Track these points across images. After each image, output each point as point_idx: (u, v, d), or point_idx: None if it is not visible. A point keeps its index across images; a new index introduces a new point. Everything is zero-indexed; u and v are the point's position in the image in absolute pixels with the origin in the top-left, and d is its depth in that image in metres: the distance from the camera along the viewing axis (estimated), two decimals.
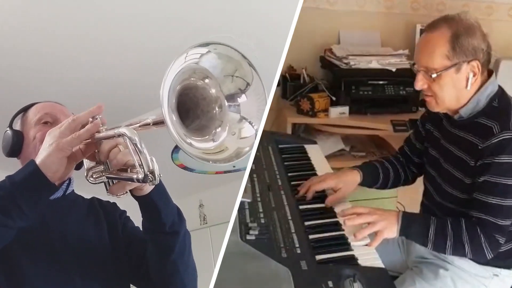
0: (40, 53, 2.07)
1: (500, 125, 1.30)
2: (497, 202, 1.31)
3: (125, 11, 1.88)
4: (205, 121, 0.95)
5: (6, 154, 1.23)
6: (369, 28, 2.68)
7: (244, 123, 0.95)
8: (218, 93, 0.94)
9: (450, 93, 1.36)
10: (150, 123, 0.92)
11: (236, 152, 0.93)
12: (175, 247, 1.11)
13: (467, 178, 1.38)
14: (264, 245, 1.23)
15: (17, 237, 0.98)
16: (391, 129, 2.35)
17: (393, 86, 2.45)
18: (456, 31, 1.31)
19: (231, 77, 0.94)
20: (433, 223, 1.35)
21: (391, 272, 1.56)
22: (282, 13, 1.54)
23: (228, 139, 0.94)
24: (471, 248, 1.32)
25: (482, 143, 1.32)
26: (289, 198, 1.51)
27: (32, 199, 0.94)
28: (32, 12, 1.84)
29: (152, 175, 0.87)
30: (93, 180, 1.01)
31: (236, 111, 0.95)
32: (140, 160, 0.87)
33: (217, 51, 0.91)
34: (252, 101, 0.94)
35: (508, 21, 2.68)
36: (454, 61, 1.32)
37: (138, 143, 0.86)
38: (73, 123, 0.97)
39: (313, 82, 2.55)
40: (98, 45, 2.06)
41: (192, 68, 0.90)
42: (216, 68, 0.92)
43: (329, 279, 1.11)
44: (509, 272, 1.48)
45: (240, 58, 0.92)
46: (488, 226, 1.32)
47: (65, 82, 2.26)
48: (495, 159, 1.29)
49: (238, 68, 0.93)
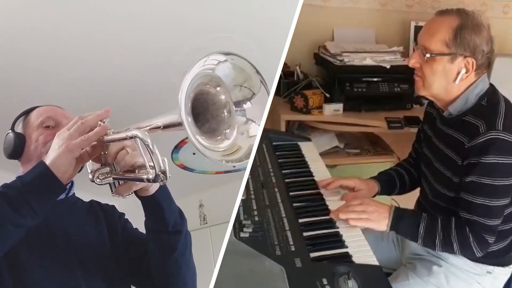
0: (40, 53, 2.08)
1: (486, 124, 1.30)
2: (483, 203, 1.32)
3: (125, 11, 1.89)
4: (215, 124, 1.00)
5: (8, 156, 1.26)
6: (363, 25, 2.67)
7: (250, 124, 1.01)
8: (227, 99, 1.00)
9: (439, 80, 1.36)
10: (161, 126, 0.96)
11: (248, 149, 0.99)
12: (178, 246, 1.13)
13: (455, 177, 1.39)
14: (258, 243, 1.23)
15: (22, 236, 1.01)
16: (386, 126, 2.34)
17: (387, 83, 2.44)
18: (463, 23, 1.31)
19: (239, 87, 0.99)
20: (424, 220, 1.36)
21: (386, 269, 1.56)
22: (282, 13, 1.54)
23: (239, 139, 1.00)
24: (459, 246, 1.34)
25: (469, 142, 1.32)
26: (283, 195, 1.50)
27: (43, 198, 0.98)
28: (32, 12, 1.84)
29: (164, 175, 0.92)
30: (99, 181, 1.05)
31: (242, 115, 1.01)
32: (152, 160, 0.91)
33: (233, 61, 0.97)
34: (256, 107, 1.01)
35: (503, 18, 2.68)
36: (451, 50, 1.32)
37: (150, 144, 0.91)
38: (82, 126, 1.00)
39: (307, 79, 2.54)
40: (98, 45, 2.06)
41: (209, 75, 0.96)
42: (228, 77, 0.98)
43: (324, 277, 1.11)
44: (502, 269, 1.49)
45: (252, 72, 0.99)
46: (476, 226, 1.33)
47: (65, 82, 2.26)
48: (481, 159, 1.29)
49: (247, 79, 0.99)
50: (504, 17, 2.69)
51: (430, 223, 1.36)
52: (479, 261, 1.46)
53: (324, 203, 1.50)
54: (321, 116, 2.41)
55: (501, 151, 1.28)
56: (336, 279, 1.11)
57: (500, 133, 1.28)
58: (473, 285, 1.47)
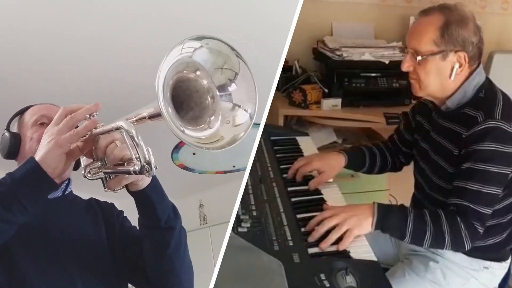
0: (40, 53, 2.07)
1: (484, 114, 1.31)
2: (476, 188, 1.30)
3: (125, 11, 1.88)
4: (198, 111, 0.97)
5: (4, 156, 1.25)
6: (362, 20, 2.67)
7: (237, 110, 0.98)
8: (210, 84, 0.97)
9: (434, 79, 1.36)
10: (146, 116, 0.94)
11: (232, 139, 0.96)
12: (171, 243, 1.11)
13: (452, 167, 1.38)
14: (256, 238, 1.23)
15: (17, 236, 1.00)
16: (384, 122, 2.34)
17: (386, 79, 2.44)
18: (448, 20, 1.32)
19: (221, 69, 0.97)
20: (411, 213, 1.31)
21: (383, 265, 1.56)
22: (282, 13, 1.55)
23: (223, 129, 0.97)
24: (451, 237, 1.29)
25: (467, 132, 1.32)
26: (281, 190, 1.50)
27: (33, 194, 0.97)
28: (32, 12, 1.84)
29: (148, 166, 0.90)
30: (90, 176, 1.03)
31: (228, 100, 0.98)
32: (137, 152, 0.90)
33: (208, 46, 0.95)
34: (242, 88, 0.98)
35: (502, 14, 2.68)
36: (441, 48, 1.33)
37: (135, 135, 0.89)
38: (70, 121, 0.98)
39: (306, 74, 2.53)
40: (98, 45, 2.06)
41: (186, 62, 0.93)
42: (207, 62, 0.96)
43: (322, 272, 1.11)
44: (499, 264, 1.49)
45: (228, 51, 0.96)
46: (467, 213, 1.30)
47: (65, 82, 2.26)
48: (477, 146, 1.29)
49: (227, 60, 0.96)
50: (503, 13, 2.69)
51: (419, 216, 1.31)
52: (476, 256, 1.46)
53: (322, 197, 1.50)
54: (319, 111, 2.41)
55: (498, 139, 1.28)
56: (334, 275, 1.11)
57: (498, 122, 1.28)
58: (470, 280, 1.48)
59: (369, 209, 1.32)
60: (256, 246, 1.17)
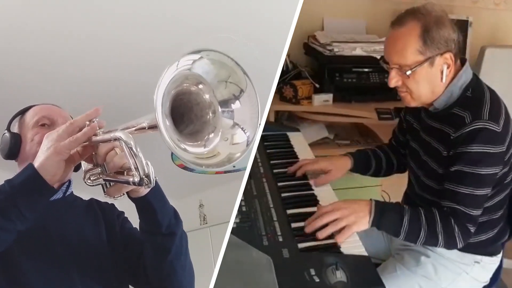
0: (40, 53, 2.06)
1: (472, 114, 1.29)
2: (468, 192, 1.30)
3: (125, 11, 1.87)
4: (198, 125, 0.96)
5: (4, 157, 1.24)
6: (354, 15, 2.65)
7: (236, 129, 0.96)
8: (212, 99, 0.95)
9: (426, 87, 1.34)
10: (146, 127, 0.93)
11: (227, 157, 0.94)
12: (172, 248, 1.12)
13: (441, 168, 1.38)
14: (245, 233, 1.22)
15: (17, 238, 0.99)
16: (376, 117, 2.33)
17: (378, 74, 2.43)
18: (426, 25, 1.29)
19: (225, 83, 0.95)
20: (407, 212, 1.32)
21: (375, 260, 1.55)
22: (282, 13, 1.53)
23: (221, 145, 0.95)
24: (444, 237, 1.31)
25: (454, 133, 1.31)
26: (271, 186, 1.49)
27: (32, 202, 0.97)
28: (32, 12, 1.83)
29: (147, 179, 0.90)
30: (90, 182, 1.03)
31: (230, 117, 0.96)
32: (135, 163, 0.89)
33: (210, 57, 0.92)
34: (246, 108, 0.95)
35: (494, 9, 2.67)
36: (427, 55, 1.30)
37: (133, 147, 0.89)
38: (70, 127, 0.98)
39: (296, 69, 2.51)
40: (98, 45, 2.05)
41: (185, 75, 0.91)
42: (209, 74, 0.93)
43: (311, 267, 1.10)
44: (490, 259, 1.49)
45: (233, 64, 0.93)
46: (460, 216, 1.31)
47: (65, 82, 2.24)
48: (466, 149, 1.28)
49: (231, 74, 0.94)
50: (496, 8, 2.69)
51: (414, 216, 1.32)
52: (467, 251, 1.45)
53: (313, 193, 1.49)
54: (311, 107, 2.39)
55: (486, 140, 1.27)
56: (324, 270, 1.10)
57: (486, 122, 1.27)
58: (461, 275, 1.47)
59: (367, 206, 1.32)
60: (245, 242, 1.16)
